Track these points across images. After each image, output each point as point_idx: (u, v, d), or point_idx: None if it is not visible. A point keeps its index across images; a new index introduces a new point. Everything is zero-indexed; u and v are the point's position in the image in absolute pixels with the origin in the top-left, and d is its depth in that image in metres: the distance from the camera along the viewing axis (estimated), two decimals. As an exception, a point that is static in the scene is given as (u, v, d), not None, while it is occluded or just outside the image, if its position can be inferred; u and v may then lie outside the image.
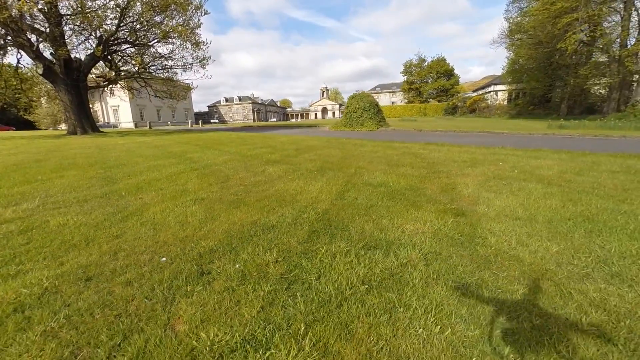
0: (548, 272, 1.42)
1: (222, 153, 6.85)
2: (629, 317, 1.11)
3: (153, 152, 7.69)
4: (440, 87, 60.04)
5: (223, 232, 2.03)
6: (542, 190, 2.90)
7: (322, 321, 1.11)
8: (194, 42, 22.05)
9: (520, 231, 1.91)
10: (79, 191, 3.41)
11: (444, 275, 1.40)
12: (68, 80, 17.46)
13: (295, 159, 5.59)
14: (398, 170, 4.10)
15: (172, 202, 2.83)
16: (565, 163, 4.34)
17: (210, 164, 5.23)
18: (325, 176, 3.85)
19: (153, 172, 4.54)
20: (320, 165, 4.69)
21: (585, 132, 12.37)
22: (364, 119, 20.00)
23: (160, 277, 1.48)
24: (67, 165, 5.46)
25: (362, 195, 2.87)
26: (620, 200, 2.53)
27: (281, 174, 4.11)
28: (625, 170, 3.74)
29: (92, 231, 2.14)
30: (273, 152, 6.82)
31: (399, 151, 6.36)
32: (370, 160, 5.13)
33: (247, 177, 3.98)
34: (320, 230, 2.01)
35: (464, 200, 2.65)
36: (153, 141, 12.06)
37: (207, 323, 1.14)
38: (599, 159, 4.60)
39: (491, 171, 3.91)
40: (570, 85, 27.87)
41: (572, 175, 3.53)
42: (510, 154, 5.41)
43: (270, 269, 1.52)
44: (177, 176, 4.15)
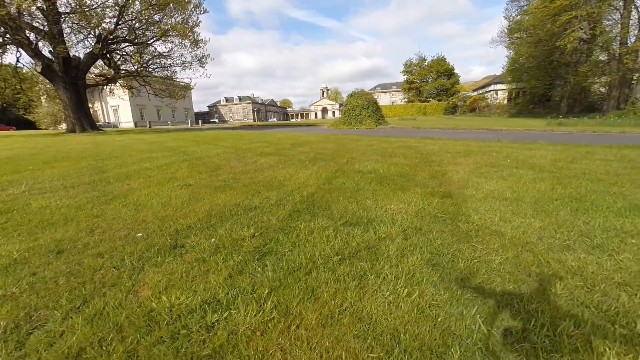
0: (528, 245, 1.39)
1: (217, 147, 6.82)
2: (605, 282, 1.07)
3: (149, 147, 7.67)
4: (440, 86, 59.95)
5: (204, 212, 2.00)
6: (532, 175, 2.86)
7: (288, 286, 1.08)
8: (192, 40, 22.04)
9: (505, 210, 1.88)
10: (68, 179, 3.38)
11: (420, 247, 1.37)
12: (67, 78, 17.46)
13: (289, 151, 5.56)
14: (390, 160, 4.06)
15: (159, 187, 2.80)
16: (559, 153, 4.30)
17: (203, 156, 5.20)
18: (317, 165, 3.82)
19: (145, 162, 4.51)
20: (313, 157, 4.65)
21: (585, 128, 12.32)
22: (362, 117, 19.96)
23: (132, 249, 1.45)
24: (60, 158, 5.44)
25: (350, 180, 2.84)
26: (610, 183, 2.49)
27: (272, 164, 4.08)
28: (619, 159, 3.70)
29: (73, 211, 2.11)
30: (268, 146, 6.79)
31: (394, 144, 6.33)
32: (363, 152, 5.09)
33: (238, 166, 3.94)
34: (303, 210, 1.98)
35: (453, 185, 2.62)
36: (150, 138, 12.05)
37: (171, 289, 1.11)
38: (593, 150, 4.56)
39: (484, 160, 3.87)
40: (570, 83, 27.77)
41: (565, 163, 3.49)
42: (505, 146, 5.37)
43: (246, 243, 1.49)
44: (168, 166, 4.12)
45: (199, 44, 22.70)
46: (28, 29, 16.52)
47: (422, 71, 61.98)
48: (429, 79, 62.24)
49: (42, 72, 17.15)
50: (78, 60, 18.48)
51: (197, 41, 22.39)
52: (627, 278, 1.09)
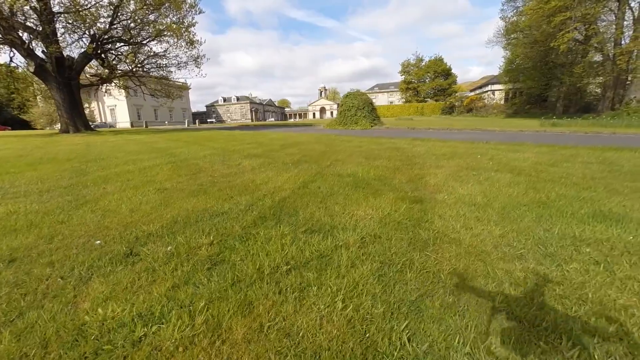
0: (482, 254, 1.38)
1: (206, 148, 6.79)
2: (545, 294, 1.06)
3: (138, 147, 7.63)
4: (438, 86, 60.05)
5: (170, 218, 1.98)
6: (509, 179, 2.87)
7: (227, 299, 1.06)
8: (188, 40, 21.96)
9: (471, 216, 1.87)
10: (46, 182, 3.35)
11: (373, 256, 1.36)
12: (60, 78, 17.36)
13: (276, 153, 5.55)
14: (373, 163, 4.05)
15: (133, 191, 2.78)
16: (543, 155, 4.31)
17: (189, 157, 5.17)
18: (299, 168, 3.81)
19: (128, 165, 4.48)
20: (298, 159, 4.64)
21: (577, 129, 12.37)
22: (357, 118, 19.95)
23: (84, 258, 1.43)
24: (45, 160, 5.41)
25: (327, 184, 2.83)
26: (583, 188, 2.49)
27: (255, 166, 4.07)
28: (600, 162, 3.71)
29: (39, 218, 2.09)
30: (257, 147, 6.77)
31: (384, 146, 6.32)
32: (350, 154, 5.08)
33: (220, 169, 3.93)
34: (269, 216, 1.96)
35: (427, 189, 2.61)
36: (143, 138, 12.00)
37: (111, 300, 1.09)
38: (578, 152, 4.57)
39: (466, 163, 3.87)
40: (565, 84, 27.88)
41: (545, 167, 3.49)
42: (492, 148, 5.38)
43: (201, 251, 1.48)
44: (150, 169, 4.10)
45: (194, 44, 22.62)
46: (21, 28, 16.40)
47: (419, 71, 62.08)
48: (427, 79, 62.36)
49: (35, 72, 17.04)
50: (72, 61, 18.38)
51: (192, 41, 22.33)
52: (568, 291, 1.08)
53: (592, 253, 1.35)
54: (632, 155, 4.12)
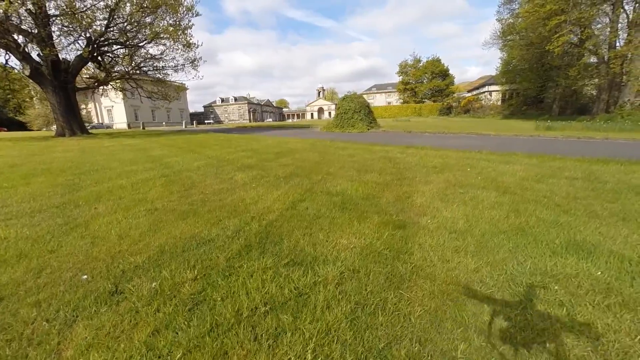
0: (454, 293, 1.44)
1: (201, 157, 6.82)
2: (507, 343, 1.12)
3: (133, 155, 7.65)
4: (435, 87, 60.26)
5: (157, 247, 2.02)
6: (493, 199, 2.93)
7: (203, 347, 1.11)
8: (185, 43, 21.95)
9: (449, 245, 1.93)
10: (38, 200, 3.39)
11: (349, 296, 1.41)
12: (56, 82, 17.31)
13: (270, 163, 5.59)
14: (364, 177, 4.11)
15: (124, 212, 2.82)
16: (531, 169, 4.38)
17: (182, 169, 5.21)
18: (290, 183, 3.86)
19: (122, 179, 4.51)
20: (291, 171, 4.69)
21: (571, 133, 12.47)
22: (354, 121, 20.03)
23: (70, 297, 1.48)
24: (39, 172, 5.42)
25: (315, 205, 2.88)
26: (564, 210, 2.56)
27: (247, 180, 4.11)
28: (586, 177, 3.78)
29: (29, 246, 2.13)
30: (252, 156, 6.81)
31: (377, 155, 6.38)
32: (342, 165, 5.14)
33: (213, 184, 3.97)
34: (254, 245, 2.01)
35: (413, 211, 2.67)
36: (139, 144, 12.00)
37: (93, 349, 1.14)
38: (565, 164, 4.64)
39: (455, 178, 3.93)
40: (561, 86, 28.08)
41: (531, 183, 3.56)
42: (483, 159, 5.45)
43: (185, 288, 1.52)
44: (143, 183, 4.13)
45: (191, 46, 22.63)
46: (16, 31, 16.33)
47: (417, 72, 62.26)
48: (424, 80, 62.56)
49: (31, 75, 16.99)
50: (67, 64, 18.34)
51: (189, 44, 22.34)
52: (529, 337, 1.14)
53: (559, 292, 1.41)
54: (617, 169, 4.20)
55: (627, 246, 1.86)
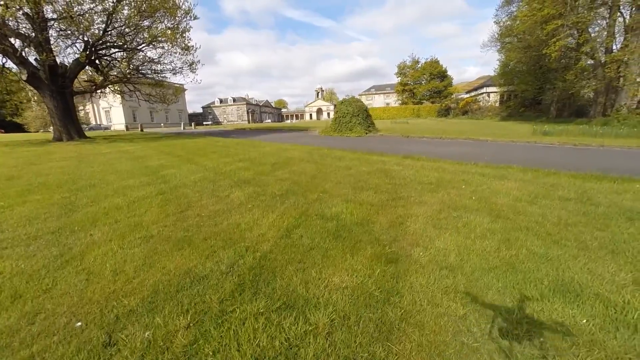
0: (441, 345, 1.46)
1: (198, 168, 6.84)
2: (490, 407, 1.15)
3: (130, 166, 7.65)
4: (434, 88, 60.41)
5: (151, 286, 2.04)
6: (486, 225, 2.96)
7: (193, 416, 1.14)
8: (183, 46, 21.95)
9: (439, 285, 1.96)
10: (34, 224, 3.40)
11: (337, 349, 1.44)
12: (53, 86, 17.28)
13: (266, 177, 5.61)
14: (360, 196, 4.14)
15: (120, 241, 2.84)
16: (525, 186, 4.41)
17: (179, 184, 5.23)
18: (286, 204, 3.88)
19: (118, 196, 4.53)
20: (287, 188, 4.71)
21: (567, 139, 12.53)
22: (352, 124, 20.07)
23: (64, 350, 1.50)
24: (36, 186, 5.43)
25: (309, 232, 2.90)
26: (554, 241, 2.59)
27: (243, 200, 4.13)
28: (578, 197, 3.82)
29: (24, 283, 2.14)
30: (249, 167, 6.83)
31: (373, 167, 6.41)
32: (338, 180, 5.16)
33: (209, 204, 3.99)
34: (247, 284, 2.04)
35: (406, 240, 2.70)
36: (136, 150, 11.99)
37: (85, 415, 1.16)
38: (559, 181, 4.69)
39: (450, 198, 3.96)
40: (559, 88, 28.18)
41: (524, 205, 3.59)
42: (478, 173, 5.49)
43: (177, 339, 1.54)
44: (140, 203, 4.15)
45: (189, 49, 22.63)
46: (13, 36, 16.29)
47: (415, 73, 62.40)
48: (423, 81, 62.69)
49: (28, 80, 16.95)
50: (65, 68, 18.30)
51: (187, 47, 22.35)
52: (511, 402, 1.17)
53: (543, 344, 1.44)
54: (610, 188, 4.24)
55: (614, 287, 1.89)
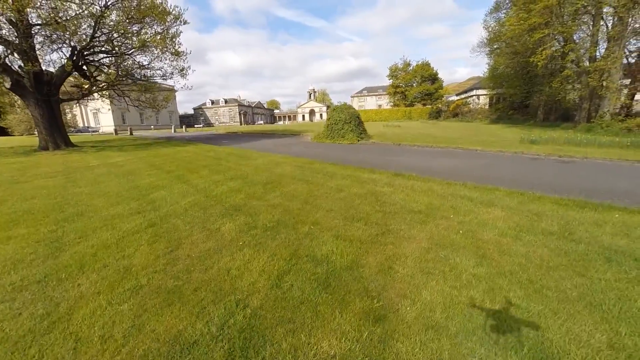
0: None
1: (189, 190, 6.79)
2: None
3: (119, 185, 7.55)
4: (425, 90, 61.08)
5: (141, 358, 2.05)
6: (472, 270, 3.04)
7: None
8: (173, 51, 21.72)
9: (426, 352, 2.01)
10: (19, 269, 3.34)
11: None
12: (38, 94, 16.86)
13: (258, 203, 5.62)
14: (350, 230, 4.19)
15: (109, 294, 2.82)
16: (511, 216, 4.53)
17: (170, 213, 5.19)
18: (277, 240, 3.91)
19: (107, 229, 4.47)
20: (278, 218, 4.73)
21: (553, 149, 12.87)
22: (345, 132, 20.20)
23: None
24: (21, 215, 5.32)
25: (299, 280, 2.93)
26: (536, 289, 2.68)
27: (234, 235, 4.14)
28: (561, 230, 3.94)
29: (9, 355, 2.11)
30: (240, 188, 6.82)
31: (364, 188, 6.48)
32: (330, 208, 5.20)
33: (199, 240, 3.98)
34: (237, 352, 2.05)
35: (394, 290, 2.76)
36: (125, 163, 11.82)
37: None
38: (544, 209, 4.83)
39: (438, 231, 4.05)
40: (545, 93, 28.83)
41: (509, 241, 3.70)
42: (466, 197, 5.60)
43: None
44: (129, 239, 4.11)
45: (180, 55, 22.41)
46: (-5, 43, 15.86)
47: (407, 76, 63.00)
48: (414, 84, 63.34)
49: (11, 88, 16.53)
50: (51, 75, 17.88)
51: (178, 52, 22.13)
52: None
53: None
54: (591, 218, 4.39)
55: (590, 352, 1.98)
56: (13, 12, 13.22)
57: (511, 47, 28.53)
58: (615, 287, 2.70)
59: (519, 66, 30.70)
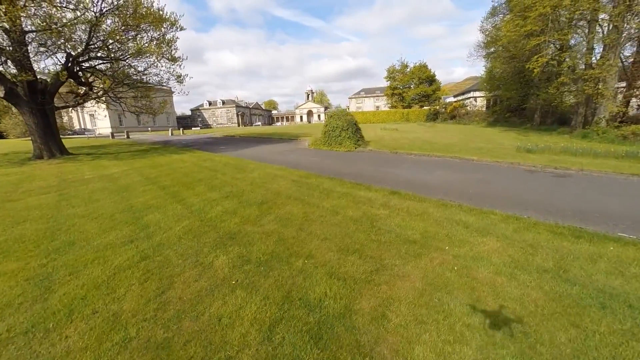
0: None
1: (184, 212, 6.72)
2: None
3: (113, 205, 7.47)
4: (422, 92, 61.19)
5: None
6: (466, 319, 3.01)
7: None
8: (169, 57, 21.65)
9: None
10: (7, 316, 3.28)
11: None
12: (33, 103, 16.71)
13: (252, 228, 5.58)
14: (345, 265, 4.15)
15: (96, 350, 2.76)
16: (506, 249, 4.51)
17: (163, 242, 5.13)
18: (270, 279, 3.86)
19: (98, 265, 4.41)
20: (272, 250, 4.69)
21: (549, 160, 12.90)
22: (342, 139, 20.20)
23: None
24: (11, 245, 5.25)
25: (291, 332, 2.89)
26: (529, 345, 2.65)
27: (227, 272, 4.09)
28: (556, 267, 3.93)
29: None
30: (235, 210, 6.77)
31: (360, 211, 6.45)
32: (325, 236, 5.16)
33: (191, 279, 3.93)
34: None
35: (387, 344, 2.72)
36: (121, 175, 11.74)
37: None
38: (539, 239, 4.81)
39: (433, 268, 4.02)
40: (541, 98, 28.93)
41: (504, 280, 3.67)
42: (462, 223, 5.58)
43: None
44: (120, 276, 4.05)
45: (176, 60, 22.35)
46: (-12, 51, 15.70)
47: (404, 77, 63.11)
48: (411, 85, 63.44)
49: (5, 96, 16.37)
50: (45, 84, 17.72)
51: (174, 58, 22.06)
52: None
53: None
54: (586, 251, 4.37)
55: None
56: (6, 22, 13.08)
57: (508, 52, 28.64)
58: (610, 342, 2.68)
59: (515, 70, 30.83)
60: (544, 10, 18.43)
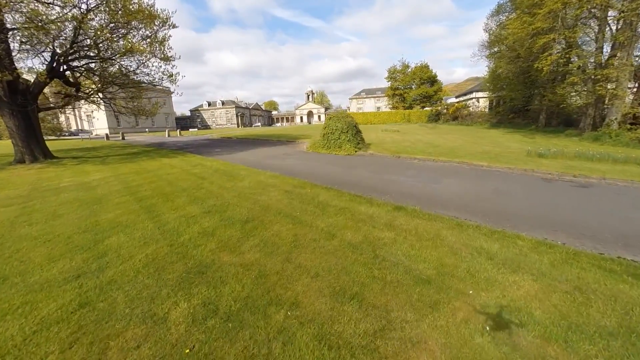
0: None
1: (153, 234, 5.70)
2: None
3: (77, 222, 6.49)
4: (424, 93, 60.26)
5: None
6: None
7: None
8: (162, 56, 20.75)
9: None
10: None
11: None
12: (13, 104, 15.75)
13: (229, 258, 4.58)
14: (340, 321, 3.15)
15: None
16: (548, 293, 3.51)
17: (114, 279, 4.11)
18: (237, 344, 2.86)
19: (21, 317, 3.40)
20: (248, 293, 3.69)
21: (565, 165, 11.95)
22: (342, 142, 19.29)
23: None
24: None
25: None
26: None
27: (183, 330, 3.08)
28: (621, 327, 2.92)
29: None
30: (214, 230, 5.78)
31: (360, 234, 5.45)
32: (316, 271, 4.16)
33: (132, 344, 2.92)
34: None
35: None
36: (100, 184, 10.77)
37: None
38: (586, 278, 3.79)
39: (456, 327, 3.02)
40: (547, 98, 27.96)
41: (558, 352, 2.67)
42: (484, 252, 4.58)
43: None
44: (40, 336, 3.04)
45: (169, 60, 21.45)
46: (-36, 49, 14.76)
47: (405, 78, 62.23)
48: (413, 86, 62.55)
49: (-17, 98, 15.36)
50: (27, 84, 16.76)
51: (167, 57, 21.16)
52: None
53: None
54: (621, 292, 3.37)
55: None
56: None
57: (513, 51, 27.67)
58: None
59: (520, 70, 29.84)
60: (555, 6, 17.44)
